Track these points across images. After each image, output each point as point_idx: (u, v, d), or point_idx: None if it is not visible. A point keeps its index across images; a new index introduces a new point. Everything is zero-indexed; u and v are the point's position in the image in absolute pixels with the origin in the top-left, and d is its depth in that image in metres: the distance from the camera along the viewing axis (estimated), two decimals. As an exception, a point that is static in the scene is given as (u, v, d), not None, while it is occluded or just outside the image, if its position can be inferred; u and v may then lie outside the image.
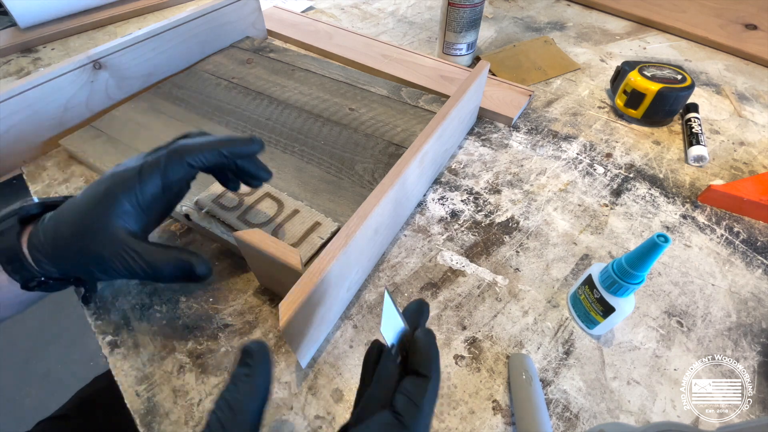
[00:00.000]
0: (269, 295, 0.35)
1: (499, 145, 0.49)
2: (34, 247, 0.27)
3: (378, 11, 0.77)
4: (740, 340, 0.33)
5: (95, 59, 0.47)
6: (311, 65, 0.57)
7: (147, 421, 0.28)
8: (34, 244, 0.27)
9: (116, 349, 0.32)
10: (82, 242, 0.27)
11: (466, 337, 0.33)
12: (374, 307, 0.35)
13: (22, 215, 0.29)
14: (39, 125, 0.45)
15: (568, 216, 0.42)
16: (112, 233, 0.27)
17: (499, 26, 0.72)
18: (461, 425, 0.29)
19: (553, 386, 0.30)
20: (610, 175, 0.46)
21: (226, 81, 0.54)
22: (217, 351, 0.32)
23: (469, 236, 0.40)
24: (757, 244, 0.40)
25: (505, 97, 0.53)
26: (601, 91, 0.58)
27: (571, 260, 0.38)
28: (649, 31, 0.72)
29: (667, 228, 0.41)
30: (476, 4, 0.54)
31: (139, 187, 0.27)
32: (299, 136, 0.46)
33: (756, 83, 0.61)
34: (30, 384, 1.06)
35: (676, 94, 0.48)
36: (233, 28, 0.60)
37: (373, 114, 0.49)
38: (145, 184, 0.27)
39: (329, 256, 0.27)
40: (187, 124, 0.48)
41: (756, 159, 0.49)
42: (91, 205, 0.27)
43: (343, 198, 0.40)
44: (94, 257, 0.27)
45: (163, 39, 0.52)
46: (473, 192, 0.44)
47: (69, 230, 0.27)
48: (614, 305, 0.29)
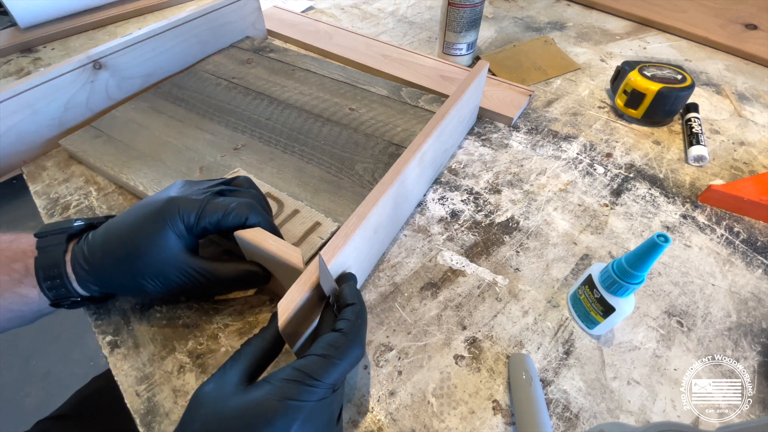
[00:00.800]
0: (269, 295, 0.35)
1: (499, 145, 0.49)
2: (79, 265, 0.27)
3: (378, 11, 0.77)
4: (740, 340, 0.33)
5: (95, 59, 0.47)
6: (311, 65, 0.57)
7: (147, 421, 0.28)
8: (78, 262, 0.27)
9: (116, 349, 0.32)
10: (140, 259, 0.27)
11: (466, 337, 0.33)
12: (374, 307, 0.35)
13: (70, 233, 0.29)
14: (39, 125, 0.45)
15: (568, 216, 0.42)
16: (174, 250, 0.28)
17: (499, 26, 0.72)
18: (461, 425, 0.29)
19: (553, 386, 0.30)
20: (610, 175, 0.46)
21: (227, 81, 0.54)
22: (217, 351, 0.32)
23: (469, 236, 0.40)
24: (757, 244, 0.40)
25: (505, 97, 0.53)
26: (601, 91, 0.58)
27: (571, 260, 0.38)
28: (649, 31, 0.72)
29: (667, 228, 0.41)
30: (476, 4, 0.54)
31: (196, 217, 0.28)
32: (299, 136, 0.46)
33: (756, 83, 0.61)
34: (30, 384, 1.06)
35: (676, 94, 0.48)
36: (233, 28, 0.60)
37: (373, 114, 0.49)
38: (203, 218, 0.28)
39: (328, 255, 0.27)
40: (187, 124, 0.47)
41: (756, 159, 0.49)
42: (148, 224, 0.27)
43: (343, 198, 0.40)
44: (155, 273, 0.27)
45: (163, 39, 0.52)
46: (473, 192, 0.44)
47: (122, 247, 0.27)
48: (614, 305, 0.29)
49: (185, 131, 0.47)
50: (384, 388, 0.30)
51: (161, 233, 0.27)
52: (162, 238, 0.27)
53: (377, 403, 0.29)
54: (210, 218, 0.28)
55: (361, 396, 0.30)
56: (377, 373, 0.31)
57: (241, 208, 0.29)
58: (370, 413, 0.29)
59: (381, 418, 0.29)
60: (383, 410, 0.29)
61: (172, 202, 0.28)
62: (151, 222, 0.27)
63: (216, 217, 0.28)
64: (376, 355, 0.32)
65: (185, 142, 0.45)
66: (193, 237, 0.29)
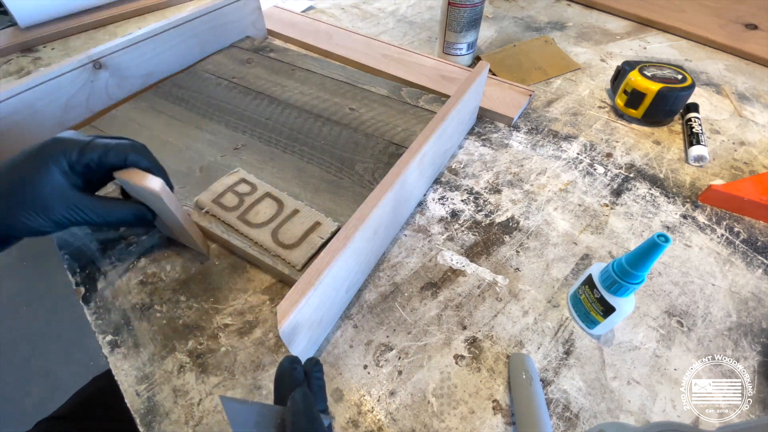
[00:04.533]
0: (269, 295, 0.35)
1: (500, 145, 0.49)
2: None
3: (378, 11, 0.77)
4: (740, 340, 0.33)
5: (95, 59, 0.47)
6: (311, 65, 0.57)
7: (147, 420, 0.28)
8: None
9: (116, 349, 0.32)
10: (21, 192, 0.28)
11: (466, 337, 0.33)
12: (374, 306, 0.35)
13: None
14: (39, 125, 0.45)
15: (569, 216, 0.42)
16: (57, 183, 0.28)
17: (500, 26, 0.72)
18: (461, 425, 0.29)
19: (554, 386, 0.30)
20: (610, 174, 0.46)
21: (227, 81, 0.54)
22: (217, 351, 0.32)
23: (470, 236, 0.40)
24: (757, 243, 0.40)
25: (505, 97, 0.53)
26: (601, 91, 0.58)
27: (571, 260, 0.38)
28: (649, 30, 0.72)
29: (668, 228, 0.41)
30: (476, 3, 0.54)
31: (78, 154, 0.29)
32: (299, 136, 0.46)
33: (756, 83, 0.61)
34: (30, 384, 1.06)
35: (677, 93, 0.48)
36: (233, 28, 0.60)
37: (373, 114, 0.49)
38: (84, 155, 0.29)
39: (328, 257, 0.27)
40: (187, 124, 0.47)
41: (756, 159, 0.49)
42: (29, 160, 0.28)
43: (343, 198, 0.40)
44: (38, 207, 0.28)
45: (163, 39, 0.52)
46: (473, 192, 0.44)
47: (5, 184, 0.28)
48: (614, 305, 0.29)
49: (185, 131, 0.47)
50: (384, 387, 0.30)
51: (43, 167, 0.28)
52: (44, 172, 0.28)
53: (377, 403, 0.29)
54: (91, 155, 0.29)
55: (361, 396, 0.30)
56: (377, 373, 0.31)
57: (121, 146, 0.30)
58: (370, 413, 0.29)
59: (381, 418, 0.29)
60: (383, 410, 0.29)
61: (55, 140, 0.29)
62: (33, 158, 0.28)
63: (97, 154, 0.29)
64: (376, 355, 0.32)
65: (185, 142, 0.45)
66: (78, 175, 0.30)
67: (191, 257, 0.37)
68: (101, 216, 0.31)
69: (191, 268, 0.37)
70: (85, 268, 0.37)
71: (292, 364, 0.24)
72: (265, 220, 0.37)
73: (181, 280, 0.36)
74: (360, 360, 0.32)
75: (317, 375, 0.26)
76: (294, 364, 0.24)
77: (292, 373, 0.24)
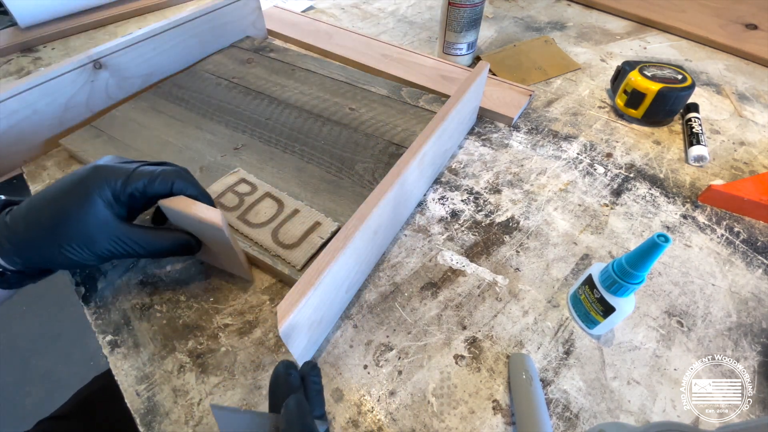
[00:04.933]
0: (269, 295, 0.35)
1: (500, 145, 0.49)
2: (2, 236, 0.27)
3: (378, 11, 0.77)
4: (740, 340, 0.33)
5: (95, 59, 0.47)
6: (311, 65, 0.57)
7: (147, 420, 0.28)
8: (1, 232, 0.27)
9: (116, 349, 0.32)
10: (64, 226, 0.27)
11: (466, 337, 0.33)
12: (374, 306, 0.35)
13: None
14: (39, 125, 0.45)
15: (569, 216, 0.42)
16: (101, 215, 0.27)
17: (500, 26, 0.72)
18: (461, 425, 0.29)
19: (553, 386, 0.30)
20: (610, 174, 0.46)
21: (227, 81, 0.54)
22: (217, 351, 0.32)
23: (470, 236, 0.40)
24: (757, 244, 0.40)
25: (506, 97, 0.53)
26: (601, 91, 0.58)
27: (571, 260, 0.38)
28: (649, 30, 0.72)
29: (668, 228, 0.41)
30: (476, 3, 0.54)
31: (122, 183, 0.28)
32: (299, 136, 0.46)
33: (756, 83, 0.60)
34: (30, 384, 1.06)
35: (677, 94, 0.48)
36: (233, 28, 0.60)
37: (373, 114, 0.49)
38: (129, 184, 0.28)
39: (328, 257, 0.27)
40: (187, 124, 0.48)
41: (756, 159, 0.49)
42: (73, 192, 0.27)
43: (343, 198, 0.40)
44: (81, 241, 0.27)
45: (163, 39, 0.52)
46: (473, 192, 0.44)
47: (46, 216, 0.27)
48: (614, 305, 0.29)
49: (185, 131, 0.47)
50: (384, 387, 0.30)
51: (87, 199, 0.27)
52: (88, 204, 0.27)
53: (377, 403, 0.29)
54: (136, 184, 0.28)
55: (361, 396, 0.30)
56: (377, 372, 0.31)
57: (167, 173, 0.29)
58: (370, 413, 0.29)
59: (381, 417, 0.29)
60: (383, 410, 0.29)
61: (97, 169, 0.28)
62: (76, 189, 0.27)
63: (142, 183, 0.28)
64: (376, 355, 0.32)
65: (185, 142, 0.45)
66: (122, 205, 0.29)
67: (191, 257, 0.37)
68: (146, 248, 0.29)
69: (191, 268, 0.37)
70: (85, 268, 0.37)
71: (287, 369, 0.23)
72: (265, 220, 0.37)
73: (181, 280, 0.36)
74: (360, 360, 0.32)
75: (314, 379, 0.24)
76: (289, 369, 0.23)
77: (287, 379, 0.23)
